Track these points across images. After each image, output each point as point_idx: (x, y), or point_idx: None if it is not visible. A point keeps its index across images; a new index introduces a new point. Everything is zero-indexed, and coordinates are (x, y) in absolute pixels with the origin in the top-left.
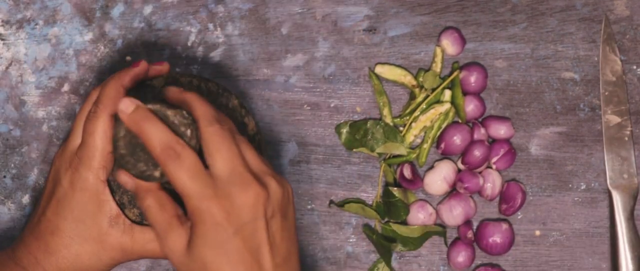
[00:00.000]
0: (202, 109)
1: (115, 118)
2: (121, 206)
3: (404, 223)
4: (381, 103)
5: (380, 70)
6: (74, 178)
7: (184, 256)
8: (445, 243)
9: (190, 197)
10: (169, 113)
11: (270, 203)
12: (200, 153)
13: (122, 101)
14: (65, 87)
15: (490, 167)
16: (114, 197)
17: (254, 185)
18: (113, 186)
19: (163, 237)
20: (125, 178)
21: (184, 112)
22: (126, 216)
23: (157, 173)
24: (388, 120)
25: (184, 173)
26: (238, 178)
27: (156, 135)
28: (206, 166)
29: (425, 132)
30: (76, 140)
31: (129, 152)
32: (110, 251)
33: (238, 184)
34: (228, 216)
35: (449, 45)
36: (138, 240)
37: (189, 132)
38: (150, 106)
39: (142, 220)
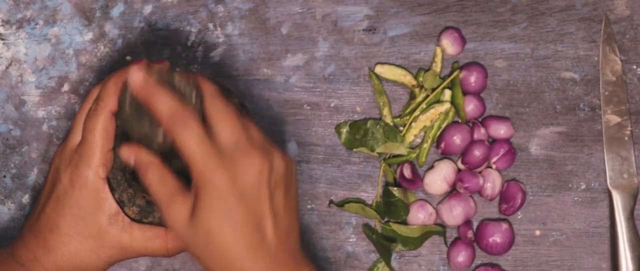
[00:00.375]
0: (208, 85)
1: (124, 85)
2: (121, 204)
3: (404, 223)
4: (381, 103)
5: (380, 70)
6: (74, 176)
7: (187, 226)
8: (445, 243)
9: (196, 163)
10: (177, 80)
11: (273, 173)
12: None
13: (131, 71)
14: (65, 87)
15: (490, 167)
16: (113, 194)
17: (258, 154)
18: (113, 184)
19: (166, 209)
20: (127, 153)
21: (191, 83)
22: (126, 214)
23: (159, 136)
24: (388, 120)
25: (191, 138)
26: (242, 148)
27: (164, 103)
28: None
29: (425, 132)
30: (76, 137)
31: (133, 114)
32: (109, 249)
33: (242, 153)
34: (233, 183)
35: (449, 45)
36: (137, 238)
37: (193, 96)
38: (157, 74)
39: (141, 218)
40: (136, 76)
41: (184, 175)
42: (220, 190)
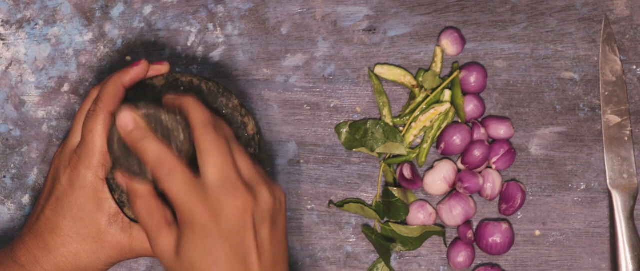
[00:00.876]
0: (197, 114)
1: (113, 122)
2: (120, 204)
3: (404, 223)
4: (381, 103)
5: (380, 70)
6: (73, 176)
7: (173, 258)
8: (445, 243)
9: (179, 203)
10: (163, 117)
11: (258, 210)
12: (193, 156)
13: (121, 116)
14: (65, 87)
15: (490, 167)
16: (113, 195)
17: (243, 192)
18: (112, 184)
19: (152, 240)
20: (121, 179)
21: (178, 117)
22: (125, 215)
23: (149, 176)
24: (388, 120)
25: (175, 186)
26: (228, 186)
27: (151, 151)
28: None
29: (425, 132)
30: (76, 138)
31: (123, 155)
32: (109, 249)
33: (227, 191)
34: (216, 223)
35: (449, 45)
36: (136, 239)
37: (182, 135)
38: (145, 111)
39: None
40: (124, 119)
41: None
42: (203, 228)
